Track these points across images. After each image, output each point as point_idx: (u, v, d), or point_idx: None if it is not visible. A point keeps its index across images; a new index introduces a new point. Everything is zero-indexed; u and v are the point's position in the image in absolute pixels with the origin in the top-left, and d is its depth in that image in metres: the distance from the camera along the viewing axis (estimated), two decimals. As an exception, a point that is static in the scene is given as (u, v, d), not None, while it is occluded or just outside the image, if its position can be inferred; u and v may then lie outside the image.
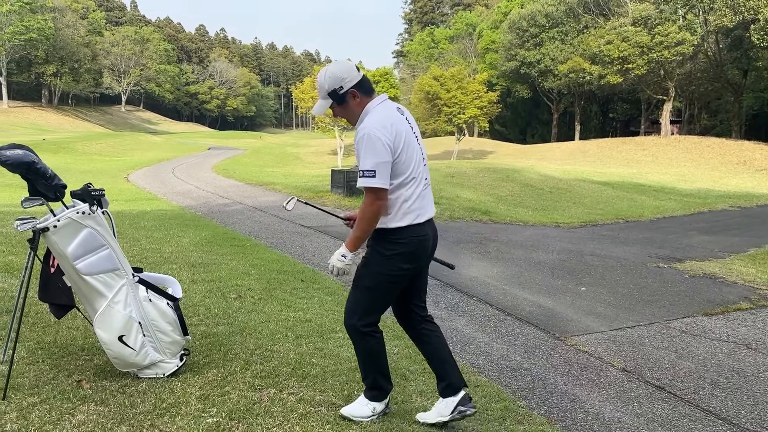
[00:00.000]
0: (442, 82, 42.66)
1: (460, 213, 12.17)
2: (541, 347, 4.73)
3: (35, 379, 3.12)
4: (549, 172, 22.37)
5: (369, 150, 2.84)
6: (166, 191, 16.69)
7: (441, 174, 18.41)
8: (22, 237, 6.71)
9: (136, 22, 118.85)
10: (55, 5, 79.40)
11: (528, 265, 7.83)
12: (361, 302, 3.05)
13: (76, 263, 2.97)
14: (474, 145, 50.57)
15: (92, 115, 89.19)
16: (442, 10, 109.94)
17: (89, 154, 34.60)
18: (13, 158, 2.84)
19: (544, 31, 53.66)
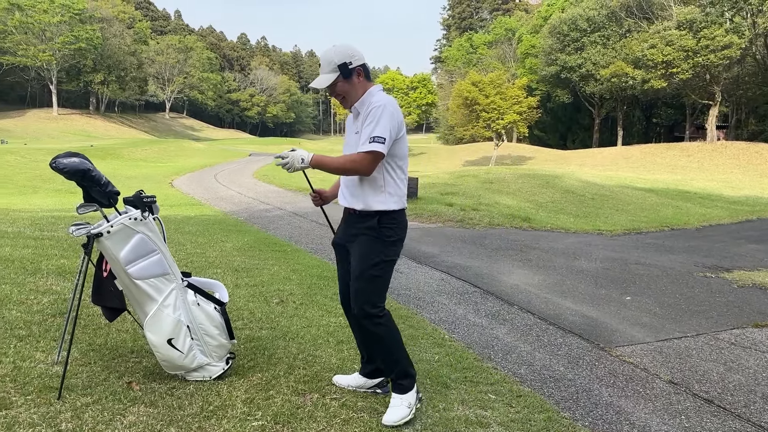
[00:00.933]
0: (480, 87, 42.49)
1: (500, 220, 12.07)
2: (585, 357, 4.65)
3: (88, 380, 3.22)
4: (590, 179, 22.02)
5: (386, 120, 2.95)
6: (209, 197, 17.01)
7: (479, 180, 18.31)
8: (74, 241, 6.94)
9: (180, 31, 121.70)
10: (103, 16, 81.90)
11: (570, 273, 7.72)
12: (371, 291, 3.11)
13: (128, 268, 3.06)
14: (512, 151, 50.13)
15: (137, 122, 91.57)
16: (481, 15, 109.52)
17: (135, 160, 35.52)
18: (70, 166, 2.95)
19: (585, 36, 52.94)
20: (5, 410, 2.78)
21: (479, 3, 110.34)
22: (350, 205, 3.19)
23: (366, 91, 3.11)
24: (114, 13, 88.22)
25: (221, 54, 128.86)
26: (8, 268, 5.37)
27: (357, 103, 3.11)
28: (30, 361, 3.37)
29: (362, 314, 3.10)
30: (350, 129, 3.23)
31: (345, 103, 3.15)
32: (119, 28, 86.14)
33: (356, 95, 3.10)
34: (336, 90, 3.09)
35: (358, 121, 3.10)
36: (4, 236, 6.94)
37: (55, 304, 4.45)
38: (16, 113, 76.63)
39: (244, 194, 17.77)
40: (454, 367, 4.12)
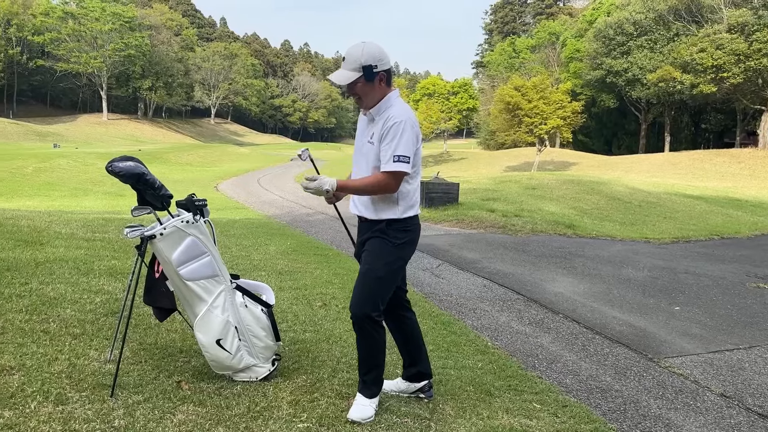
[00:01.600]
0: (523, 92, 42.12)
1: (543, 226, 11.91)
2: (633, 368, 4.55)
3: (139, 379, 3.30)
4: (637, 185, 21.54)
5: (407, 137, 2.96)
6: (252, 200, 17.29)
7: (522, 186, 18.10)
8: (124, 242, 7.14)
9: (225, 38, 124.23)
10: (152, 23, 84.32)
11: (617, 282, 7.57)
12: (373, 292, 3.09)
13: (180, 269, 3.14)
14: (556, 156, 49.45)
15: (184, 127, 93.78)
16: (524, 19, 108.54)
17: (181, 164, 36.36)
18: (126, 170, 3.05)
19: (631, 39, 51.93)
20: (62, 405, 2.87)
21: (522, 7, 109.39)
22: (361, 213, 3.22)
23: (384, 96, 3.07)
24: (162, 21, 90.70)
25: (265, 60, 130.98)
26: (62, 267, 5.56)
27: (373, 109, 3.08)
28: (84, 358, 3.47)
29: (359, 312, 3.07)
30: (363, 133, 3.20)
31: (360, 103, 3.12)
32: (167, 35, 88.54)
33: (374, 99, 3.07)
34: (355, 90, 3.06)
35: (373, 128, 3.08)
36: (58, 237, 7.18)
37: (107, 304, 4.59)
38: (68, 118, 79.43)
39: (286, 198, 18.00)
40: (498, 375, 4.08)
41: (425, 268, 7.85)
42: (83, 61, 75.02)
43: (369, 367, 3.20)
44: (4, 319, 3.90)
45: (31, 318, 4.02)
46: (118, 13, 76.13)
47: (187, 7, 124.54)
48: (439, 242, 9.94)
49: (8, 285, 4.69)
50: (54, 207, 13.50)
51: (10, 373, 3.14)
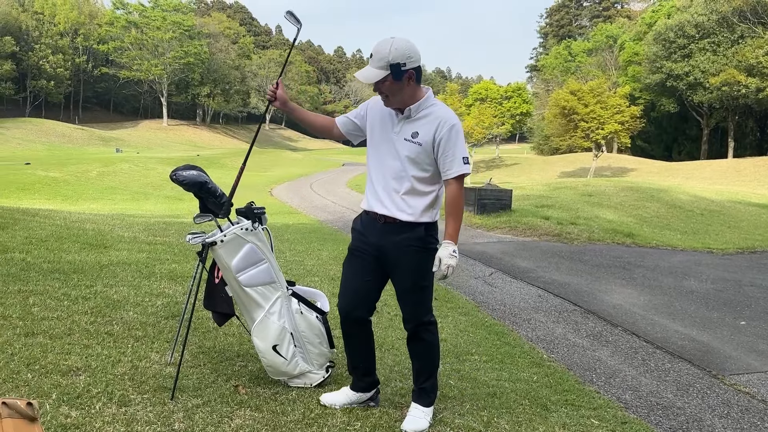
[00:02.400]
0: (579, 96, 41.32)
1: (600, 235, 11.62)
2: (696, 385, 4.38)
3: (198, 382, 3.38)
4: (699, 192, 20.80)
5: (462, 139, 2.99)
6: (305, 205, 17.52)
7: (578, 192, 17.73)
8: (184, 247, 7.33)
9: (280, 45, 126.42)
10: (210, 31, 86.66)
11: (678, 294, 7.31)
12: (426, 300, 3.13)
13: (239, 275, 3.20)
14: (613, 162, 48.26)
15: (240, 133, 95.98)
16: (581, 22, 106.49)
17: (237, 169, 37.05)
18: (189, 178, 3.13)
19: (693, 42, 50.19)
20: (125, 407, 2.96)
21: (579, 10, 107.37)
22: (392, 214, 2.99)
23: (418, 95, 2.94)
24: (220, 29, 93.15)
25: (318, 67, 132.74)
26: (125, 271, 5.75)
27: (413, 107, 2.93)
28: (146, 361, 3.58)
29: (421, 324, 3.12)
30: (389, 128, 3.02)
31: (387, 102, 2.96)
32: (225, 43, 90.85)
33: (402, 98, 2.91)
34: (381, 88, 2.91)
35: (415, 127, 2.93)
36: (121, 240, 7.44)
37: (167, 307, 4.72)
38: (130, 124, 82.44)
39: (338, 203, 18.16)
40: (554, 388, 4.00)
41: (477, 276, 7.77)
42: (145, 69, 77.78)
43: (429, 372, 3.18)
44: (71, 321, 4.06)
45: (96, 320, 4.17)
46: (178, 22, 78.63)
47: (244, 15, 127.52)
48: (492, 250, 9.83)
49: (75, 287, 4.88)
50: (116, 210, 14.01)
51: (76, 373, 3.25)
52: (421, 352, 3.18)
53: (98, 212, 12.62)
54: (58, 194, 19.78)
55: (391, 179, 3.01)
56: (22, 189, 20.25)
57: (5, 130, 56.60)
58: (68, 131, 60.96)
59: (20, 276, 4.96)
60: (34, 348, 3.48)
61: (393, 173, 3.00)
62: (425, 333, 3.13)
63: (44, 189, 20.64)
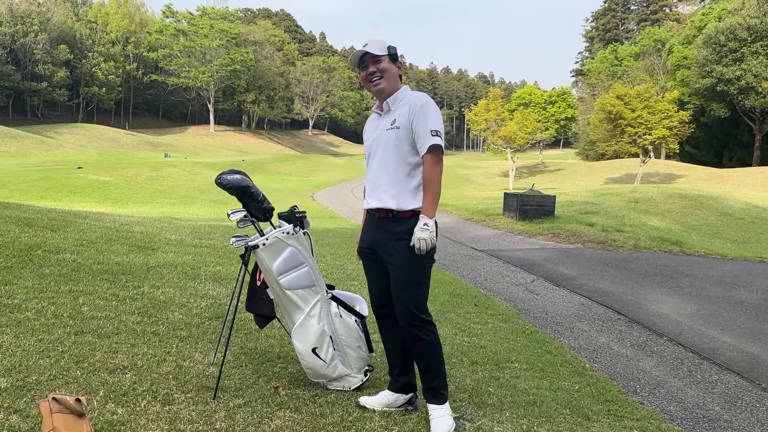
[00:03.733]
0: (626, 101, 40.52)
1: (647, 242, 11.35)
2: (744, 398, 4.25)
3: (239, 382, 3.44)
4: (750, 200, 20.11)
5: (436, 113, 3.04)
6: (346, 210, 17.64)
7: (624, 199, 17.36)
8: (228, 250, 7.48)
9: (324, 52, 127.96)
10: (256, 39, 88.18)
11: (727, 304, 7.08)
12: (420, 296, 3.09)
13: (280, 278, 3.25)
14: (660, 168, 47.08)
15: (283, 139, 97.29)
16: (627, 26, 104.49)
17: (280, 174, 37.72)
18: (233, 182, 3.21)
19: (745, 45, 48.66)
20: (168, 406, 3.03)
21: (625, 14, 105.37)
22: (385, 205, 3.08)
23: (399, 87, 3.17)
24: (266, 37, 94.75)
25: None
26: (172, 272, 5.89)
27: (390, 99, 3.14)
28: (190, 360, 3.66)
29: (415, 321, 3.08)
30: (375, 128, 3.23)
31: (378, 85, 3.12)
32: (270, 50, 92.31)
33: (394, 83, 3.14)
34: (379, 66, 3.11)
35: (393, 116, 3.11)
36: (168, 243, 7.63)
37: (211, 308, 4.82)
38: (178, 129, 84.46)
39: (380, 209, 18.18)
40: (597, 398, 3.93)
41: (519, 283, 7.69)
42: (193, 76, 79.65)
43: (436, 371, 3.16)
44: (119, 321, 4.18)
45: (142, 320, 4.28)
46: (225, 30, 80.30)
47: (289, 23, 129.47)
48: (534, 257, 9.71)
49: (123, 288, 5.03)
50: (164, 213, 14.37)
51: (123, 372, 3.35)
52: (423, 352, 3.16)
53: (146, 215, 12.97)
54: (108, 197, 20.41)
55: (381, 172, 3.13)
56: (74, 192, 20.97)
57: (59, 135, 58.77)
58: (118, 136, 62.86)
59: (71, 276, 5.14)
60: (83, 346, 3.61)
61: (382, 165, 3.14)
62: (422, 332, 3.09)
63: (95, 192, 21.33)
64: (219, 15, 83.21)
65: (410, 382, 3.37)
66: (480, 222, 14.22)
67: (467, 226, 13.76)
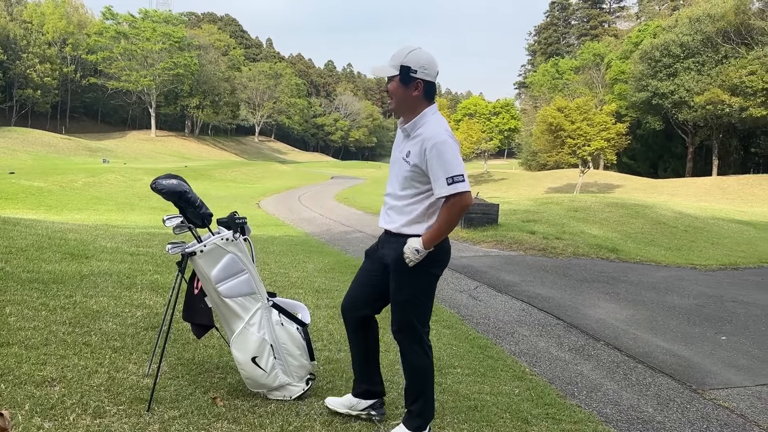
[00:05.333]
0: (566, 113, 41.72)
1: (585, 249, 11.68)
2: (676, 399, 4.40)
3: (175, 394, 3.34)
4: (683, 209, 20.99)
5: (453, 154, 2.86)
6: (293, 218, 17.47)
7: (564, 208, 17.83)
8: (167, 257, 7.28)
9: (271, 58, 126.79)
10: (201, 43, 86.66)
11: (661, 309, 7.35)
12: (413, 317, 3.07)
13: (218, 286, 3.18)
14: (599, 179, 48.64)
15: (229, 145, 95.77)
16: (568, 40, 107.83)
17: (225, 180, 37.06)
18: (168, 187, 3.12)
19: (678, 62, 50.97)
20: (99, 419, 2.92)
21: (566, 29, 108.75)
22: (387, 226, 3.12)
23: (420, 112, 2.96)
24: (211, 41, 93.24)
25: (308, 80, 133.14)
26: (107, 281, 5.69)
27: (408, 125, 2.99)
28: (123, 372, 3.53)
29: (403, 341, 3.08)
30: (397, 146, 3.12)
31: (391, 104, 3.04)
32: (215, 55, 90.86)
33: (406, 106, 2.97)
34: (389, 87, 2.99)
35: (409, 146, 2.98)
36: (103, 251, 7.37)
37: (147, 318, 4.67)
38: (118, 134, 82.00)
39: (326, 216, 18.13)
40: (535, 402, 3.99)
41: (462, 290, 7.77)
42: (133, 80, 77.53)
43: (415, 395, 3.10)
44: (48, 331, 4.00)
45: (74, 330, 4.11)
46: (168, 33, 78.58)
47: (235, 28, 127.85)
48: (478, 264, 9.84)
49: (53, 297, 4.82)
50: (101, 221, 13.89)
51: (51, 384, 3.21)
52: (406, 370, 3.14)
53: (82, 222, 12.50)
54: (42, 204, 19.59)
55: (391, 193, 3.11)
56: (5, 198, 20.03)
57: (-11, 139, 56.08)
58: (54, 141, 60.47)
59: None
60: (8, 358, 3.43)
61: (392, 188, 3.10)
62: (408, 351, 3.08)
63: (28, 199, 20.43)
64: (162, 18, 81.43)
65: (369, 390, 3.34)
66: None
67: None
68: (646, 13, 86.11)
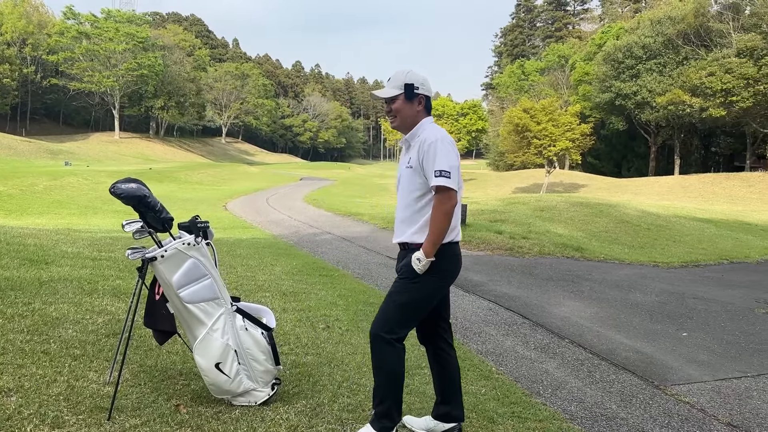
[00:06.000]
0: (532, 114, 42.21)
1: (551, 249, 11.84)
2: (639, 396, 4.48)
3: (137, 401, 3.28)
4: (646, 208, 21.43)
5: (444, 153, 3.00)
6: (260, 220, 17.32)
7: (530, 207, 18.05)
8: (129, 263, 7.14)
9: (237, 58, 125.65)
10: (165, 43, 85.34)
11: (624, 306, 7.49)
12: (395, 317, 3.08)
13: (180, 291, 3.13)
14: (565, 179, 49.36)
15: (195, 146, 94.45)
16: (533, 42, 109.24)
17: (191, 182, 36.55)
18: (128, 192, 3.06)
19: (640, 63, 52.09)
20: (58, 429, 2.85)
21: (532, 30, 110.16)
22: (399, 239, 3.22)
23: (419, 122, 3.18)
24: (175, 41, 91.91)
25: (276, 81, 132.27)
26: (67, 287, 5.56)
27: (408, 135, 3.20)
28: (83, 380, 3.45)
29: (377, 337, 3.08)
30: (403, 160, 3.27)
31: (394, 122, 3.21)
32: (180, 55, 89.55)
33: (408, 120, 3.17)
34: (393, 106, 3.17)
35: (410, 154, 3.16)
36: (64, 256, 7.20)
37: (109, 325, 4.58)
38: (81, 136, 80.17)
39: (294, 218, 18.01)
40: (501, 401, 4.03)
41: (431, 291, 7.80)
42: (96, 81, 75.94)
43: (380, 397, 3.10)
44: (5, 340, 3.89)
45: (32, 338, 4.01)
46: (131, 34, 77.20)
47: (200, 28, 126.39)
48: (446, 264, 9.88)
49: (11, 305, 4.69)
50: (63, 225, 13.58)
51: (8, 395, 3.12)
52: (376, 371, 3.14)
53: (43, 227, 12.20)
54: (1, 209, 19.05)
55: (400, 206, 3.23)
56: (-37, 203, 19.44)
57: (-54, 142, 54.36)
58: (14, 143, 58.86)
59: (-48, 293, 4.75)
60: (-38, 369, 3.33)
61: (400, 200, 3.23)
62: (377, 349, 3.08)
63: (-14, 203, 19.86)
64: (125, 18, 79.94)
65: (450, 413, 3.32)
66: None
67: (383, 234, 13.85)
68: (609, 15, 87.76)
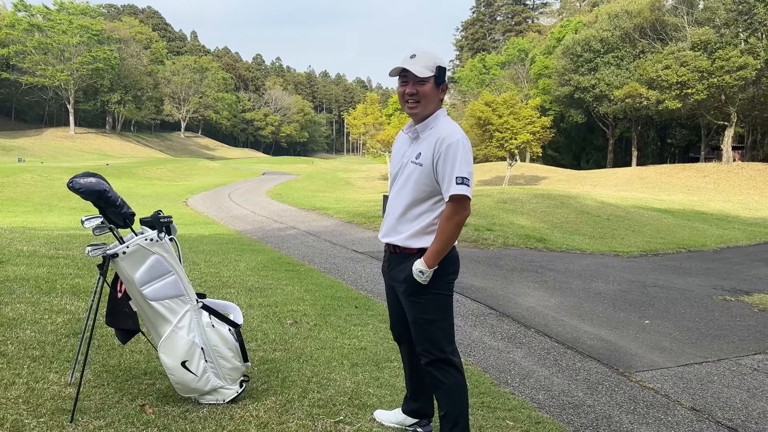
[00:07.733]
0: (493, 107, 42.58)
1: (514, 240, 11.97)
2: (604, 383, 4.56)
3: (101, 402, 3.19)
4: (606, 199, 21.87)
5: (465, 157, 2.73)
6: (223, 216, 17.07)
7: (493, 200, 18.23)
8: (89, 260, 6.95)
9: (195, 51, 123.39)
10: (121, 36, 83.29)
11: (587, 295, 7.62)
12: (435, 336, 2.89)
13: (143, 289, 3.04)
14: (526, 171, 50.01)
15: (153, 141, 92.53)
16: (494, 36, 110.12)
17: (150, 178, 35.81)
18: (87, 186, 2.95)
19: (598, 56, 53.02)
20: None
21: (492, 24, 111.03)
22: (391, 240, 2.94)
23: (435, 113, 2.87)
24: (131, 34, 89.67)
25: (236, 74, 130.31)
26: (23, 287, 5.38)
27: (420, 125, 2.87)
28: (43, 382, 3.34)
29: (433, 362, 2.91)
30: (402, 153, 2.96)
31: (414, 109, 2.84)
32: (136, 48, 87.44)
33: (432, 109, 2.84)
34: (420, 88, 2.79)
35: (419, 147, 2.85)
36: (19, 255, 6.97)
37: (69, 324, 4.44)
38: (34, 132, 77.74)
39: (258, 213, 17.81)
40: (471, 391, 4.02)
41: (397, 284, 7.80)
42: (49, 75, 73.65)
43: (454, 421, 2.91)
44: (-41, 342, 3.74)
45: (-13, 340, 3.86)
46: (85, 26, 75.06)
47: (157, 20, 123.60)
48: (412, 257, 9.90)
49: (-36, 306, 4.51)
50: (17, 223, 13.14)
51: (-38, 399, 3.00)
52: (440, 397, 2.94)
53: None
54: (-49, 207, 18.36)
55: (398, 203, 2.92)
56: None
57: None
58: (-37, 139, 56.85)
59: None
60: None
61: (399, 196, 2.92)
62: (439, 373, 2.88)
63: (-66, 201, 19.11)
64: (79, 10, 77.60)
65: (419, 410, 3.25)
66: (361, 225, 14.32)
67: (348, 228, 13.80)
68: (568, 9, 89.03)
